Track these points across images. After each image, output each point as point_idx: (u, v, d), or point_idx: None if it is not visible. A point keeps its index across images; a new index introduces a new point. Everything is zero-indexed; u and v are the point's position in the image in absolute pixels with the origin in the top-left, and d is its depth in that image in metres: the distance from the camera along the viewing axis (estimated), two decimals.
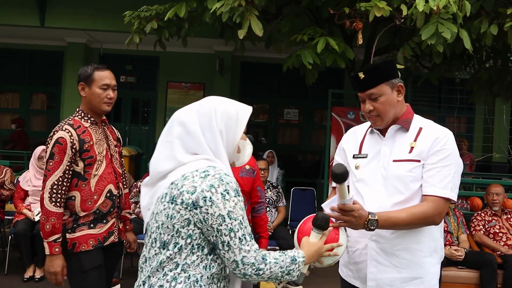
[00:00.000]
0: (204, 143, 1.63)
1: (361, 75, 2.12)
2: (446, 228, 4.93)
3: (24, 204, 5.27)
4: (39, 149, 5.40)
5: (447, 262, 4.69)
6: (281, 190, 5.98)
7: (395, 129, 2.16)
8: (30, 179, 5.33)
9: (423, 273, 2.11)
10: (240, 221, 1.56)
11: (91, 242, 2.65)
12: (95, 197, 2.67)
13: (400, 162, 2.09)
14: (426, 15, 4.22)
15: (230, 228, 1.54)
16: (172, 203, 1.57)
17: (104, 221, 2.72)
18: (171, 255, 1.57)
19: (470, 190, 7.03)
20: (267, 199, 5.71)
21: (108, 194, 2.73)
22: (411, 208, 2.02)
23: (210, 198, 1.53)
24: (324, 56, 4.99)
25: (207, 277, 1.59)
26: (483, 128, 9.89)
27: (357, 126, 2.40)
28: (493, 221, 5.11)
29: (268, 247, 5.57)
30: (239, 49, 6.23)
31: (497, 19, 4.60)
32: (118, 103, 10.48)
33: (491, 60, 6.48)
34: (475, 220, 5.19)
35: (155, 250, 1.60)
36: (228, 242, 1.55)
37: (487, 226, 5.10)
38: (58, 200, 2.57)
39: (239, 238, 1.55)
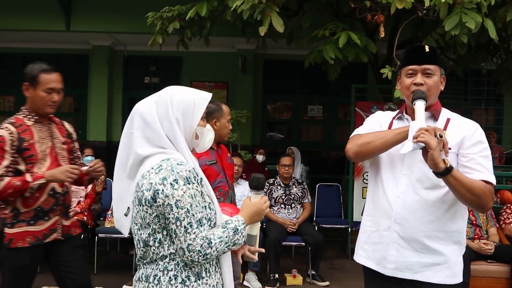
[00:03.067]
0: (162, 133, 1.70)
1: (427, 48, 2.16)
2: (475, 222, 4.85)
3: None
4: None
5: (477, 256, 4.62)
6: (306, 186, 5.98)
7: (426, 116, 2.17)
8: None
9: (444, 260, 2.11)
10: (187, 209, 1.62)
11: (28, 239, 2.73)
12: (37, 194, 2.73)
13: None
14: (449, 5, 4.15)
15: (177, 217, 1.62)
16: (140, 205, 1.67)
17: (46, 218, 2.78)
18: (155, 250, 1.68)
19: (499, 183, 6.87)
20: (292, 196, 5.71)
21: (51, 192, 2.79)
22: (476, 180, 2.01)
23: (162, 190, 1.62)
24: (346, 50, 4.96)
25: None
26: None
27: (380, 112, 2.42)
28: None
29: (294, 243, 5.61)
30: (261, 47, 6.25)
31: None
32: None
33: None
34: (504, 213, 5.09)
35: (142, 250, 1.71)
36: (175, 230, 1.63)
37: None
38: None
39: (185, 227, 1.62)
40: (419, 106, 2.07)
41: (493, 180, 2.04)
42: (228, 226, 1.70)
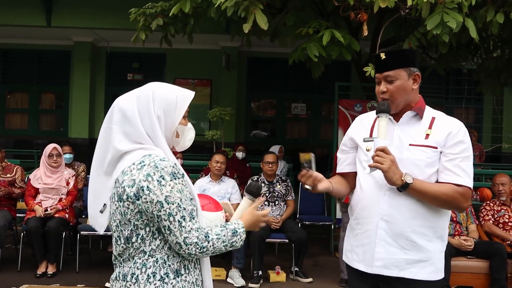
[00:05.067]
0: (142, 129, 1.67)
1: (383, 55, 2.17)
2: (455, 218, 4.92)
3: (35, 202, 5.33)
4: (50, 147, 5.45)
5: (457, 252, 4.69)
6: (290, 184, 6.00)
7: (410, 115, 2.20)
8: (41, 176, 5.38)
9: (429, 257, 2.13)
10: (178, 204, 1.61)
11: None
12: None
13: (417, 146, 2.13)
14: (431, 5, 4.19)
15: (169, 212, 1.60)
16: (120, 201, 1.64)
17: None
18: (136, 246, 1.66)
19: (479, 181, 7.00)
20: (276, 193, 5.73)
21: None
22: (444, 186, 2.08)
23: (148, 187, 1.59)
24: (329, 48, 4.98)
25: (173, 255, 1.68)
26: (492, 119, 9.83)
27: (362, 115, 2.42)
28: (502, 210, 5.09)
29: (278, 240, 5.64)
30: (245, 45, 6.24)
31: (503, 7, 4.57)
32: None
33: (498, 49, 6.43)
34: (484, 210, 5.18)
35: (122, 246, 1.68)
36: (169, 226, 1.61)
37: (496, 216, 5.09)
38: None
39: (178, 221, 1.61)
40: (382, 121, 2.10)
41: (468, 184, 2.08)
42: (228, 227, 1.71)
